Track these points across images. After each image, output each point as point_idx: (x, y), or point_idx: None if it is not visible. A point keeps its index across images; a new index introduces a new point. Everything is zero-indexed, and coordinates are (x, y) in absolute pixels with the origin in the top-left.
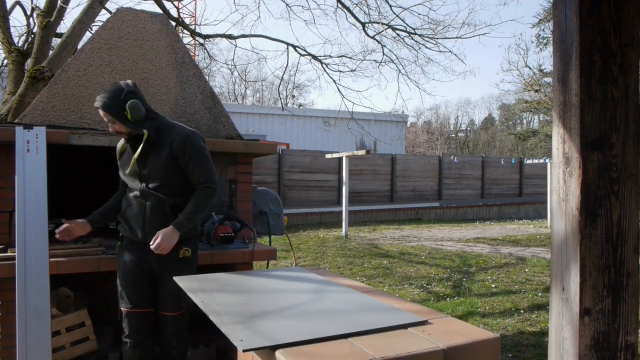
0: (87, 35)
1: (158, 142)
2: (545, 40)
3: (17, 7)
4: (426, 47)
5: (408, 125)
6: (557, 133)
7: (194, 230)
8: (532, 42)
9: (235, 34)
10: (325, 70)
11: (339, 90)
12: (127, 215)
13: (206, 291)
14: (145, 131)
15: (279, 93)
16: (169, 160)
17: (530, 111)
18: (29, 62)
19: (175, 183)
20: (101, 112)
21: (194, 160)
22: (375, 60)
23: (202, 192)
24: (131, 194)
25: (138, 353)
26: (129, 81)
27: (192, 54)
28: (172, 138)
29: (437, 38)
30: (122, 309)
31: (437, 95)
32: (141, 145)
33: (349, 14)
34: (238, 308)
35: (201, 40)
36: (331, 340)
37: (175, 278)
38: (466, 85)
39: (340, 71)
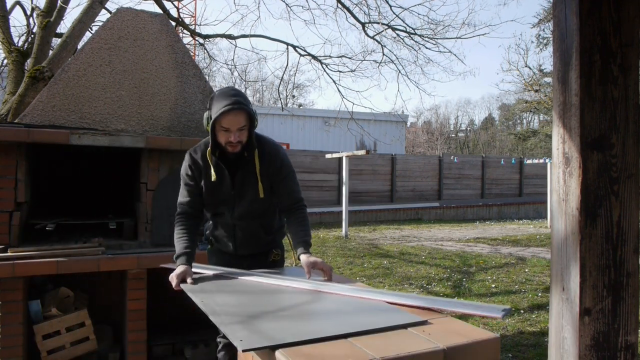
0: (87, 35)
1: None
2: (545, 40)
3: (17, 7)
4: (426, 48)
5: (408, 125)
6: (557, 133)
7: (281, 235)
8: (532, 42)
9: (235, 34)
10: (325, 71)
11: (339, 91)
12: (217, 236)
13: (206, 291)
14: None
15: (278, 93)
16: (262, 179)
17: (530, 111)
18: (29, 62)
19: (265, 201)
20: (232, 118)
21: (289, 178)
22: (375, 61)
23: (302, 211)
24: (219, 219)
25: (229, 354)
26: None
27: (192, 54)
28: (261, 154)
29: (437, 38)
30: None
31: (437, 95)
32: (258, 163)
33: (349, 14)
34: (238, 308)
35: (201, 40)
36: (331, 340)
37: None
38: (466, 85)
39: (340, 71)
